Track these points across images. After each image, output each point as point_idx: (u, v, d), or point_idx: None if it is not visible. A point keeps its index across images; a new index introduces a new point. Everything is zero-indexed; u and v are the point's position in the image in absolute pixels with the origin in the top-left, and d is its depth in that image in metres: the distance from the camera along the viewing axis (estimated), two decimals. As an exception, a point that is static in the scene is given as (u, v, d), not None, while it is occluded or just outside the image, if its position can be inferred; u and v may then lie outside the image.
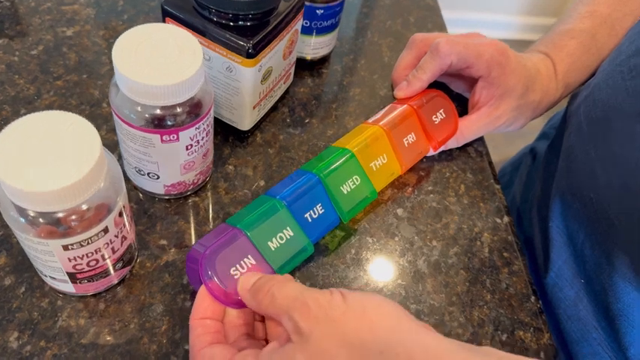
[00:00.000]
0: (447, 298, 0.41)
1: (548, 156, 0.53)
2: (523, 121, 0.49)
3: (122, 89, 0.34)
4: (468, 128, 0.47)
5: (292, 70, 0.49)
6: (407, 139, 0.44)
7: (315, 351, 0.28)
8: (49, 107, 0.45)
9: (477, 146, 0.50)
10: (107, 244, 0.34)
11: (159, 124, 0.36)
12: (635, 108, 0.37)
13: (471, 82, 0.48)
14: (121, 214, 0.34)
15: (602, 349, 0.43)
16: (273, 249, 0.36)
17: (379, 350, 0.27)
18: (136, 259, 0.39)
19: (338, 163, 0.40)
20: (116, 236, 0.34)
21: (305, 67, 0.52)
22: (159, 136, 0.36)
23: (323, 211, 0.39)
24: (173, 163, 0.39)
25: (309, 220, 0.39)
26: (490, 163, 0.49)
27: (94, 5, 0.53)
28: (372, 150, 0.42)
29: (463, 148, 0.49)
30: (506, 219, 0.46)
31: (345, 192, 0.40)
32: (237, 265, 0.35)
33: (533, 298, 0.42)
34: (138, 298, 0.38)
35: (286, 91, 0.50)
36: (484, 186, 0.47)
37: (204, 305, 0.34)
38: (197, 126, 0.37)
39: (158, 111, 0.36)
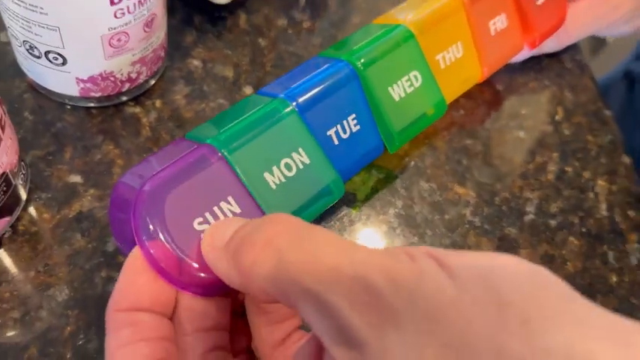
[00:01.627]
0: (555, 281, 0.25)
1: None
2: (634, 23, 0.32)
3: None
4: (575, 22, 0.30)
5: None
6: (494, 24, 0.27)
7: None
8: None
9: (573, 54, 0.33)
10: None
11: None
12: None
13: None
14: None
15: None
16: (273, 186, 0.19)
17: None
18: (22, 206, 0.22)
19: (386, 48, 0.23)
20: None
21: None
22: (53, -36, 0.19)
23: (358, 127, 0.22)
24: (88, 30, 0.21)
25: (335, 141, 0.22)
26: (592, 78, 0.33)
27: None
28: (442, 32, 0.25)
29: (555, 55, 0.33)
30: (626, 159, 0.30)
31: (397, 98, 0.23)
32: (208, 214, 0.18)
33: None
34: (24, 275, 0.21)
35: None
36: (590, 111, 0.31)
37: (136, 286, 0.17)
38: (130, -48, 0.20)
39: None
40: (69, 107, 0.25)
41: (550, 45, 0.31)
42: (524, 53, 0.30)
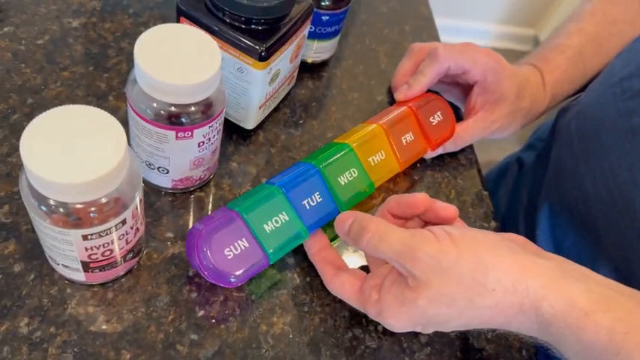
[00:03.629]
0: (438, 296, 0.44)
1: (536, 167, 0.56)
2: (515, 127, 0.51)
3: (142, 86, 0.36)
4: (465, 132, 0.49)
5: (295, 73, 0.50)
6: (405, 138, 0.46)
7: (436, 295, 0.31)
8: (57, 98, 0.46)
9: (467, 154, 0.52)
10: (123, 235, 0.35)
11: (173, 120, 0.37)
12: (626, 127, 0.40)
13: (466, 89, 0.51)
14: (137, 207, 0.35)
15: None
16: (268, 231, 0.38)
17: (492, 288, 0.31)
18: (143, 251, 0.41)
19: (337, 156, 0.42)
20: (131, 228, 0.36)
21: (306, 69, 0.54)
22: (174, 132, 0.37)
23: (321, 199, 0.41)
24: (184, 158, 0.40)
25: (307, 207, 0.40)
26: (479, 170, 0.52)
27: (100, -3, 0.54)
28: (371, 146, 0.44)
29: (454, 155, 0.52)
30: (493, 224, 0.49)
31: (343, 183, 0.42)
32: (232, 247, 0.37)
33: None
34: (145, 289, 0.39)
35: (288, 92, 0.51)
36: (473, 192, 0.50)
37: (312, 240, 0.39)
38: (211, 124, 0.38)
39: (173, 108, 0.37)
40: (163, 193, 0.44)
41: (450, 147, 0.50)
42: (432, 153, 0.49)
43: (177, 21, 0.42)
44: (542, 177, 0.53)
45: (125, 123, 0.40)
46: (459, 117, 0.52)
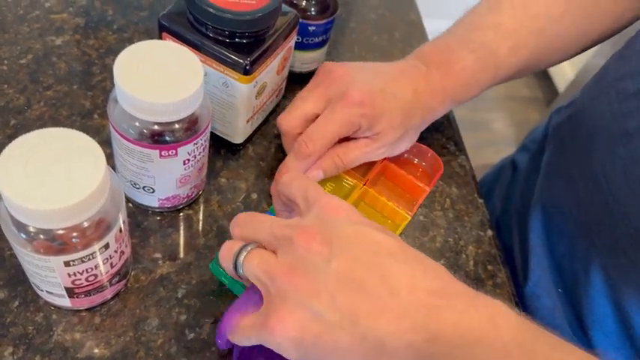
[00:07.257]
0: (435, 309, 0.42)
1: (529, 169, 0.54)
2: (410, 142, 0.46)
3: (123, 105, 0.35)
4: (347, 155, 0.43)
5: (284, 85, 0.49)
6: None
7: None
8: (40, 118, 0.45)
9: (461, 161, 0.51)
10: (107, 259, 0.34)
11: (157, 139, 0.36)
12: (620, 130, 0.39)
13: None
14: (121, 230, 0.34)
15: None
16: None
17: None
18: (131, 273, 0.40)
19: None
20: (115, 251, 0.35)
21: (295, 80, 0.53)
22: (158, 151, 0.37)
23: None
24: (170, 177, 0.39)
25: None
26: (474, 177, 0.51)
27: (83, 14, 0.53)
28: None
29: (448, 163, 0.51)
30: (489, 232, 0.48)
31: None
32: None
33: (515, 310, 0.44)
34: (133, 312, 0.38)
35: (277, 104, 0.50)
36: (468, 200, 0.49)
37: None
38: (195, 141, 0.38)
39: (156, 127, 0.36)
40: (150, 212, 0.43)
41: (340, 164, 0.43)
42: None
43: (160, 36, 0.41)
44: (535, 180, 0.52)
45: (110, 142, 0.39)
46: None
